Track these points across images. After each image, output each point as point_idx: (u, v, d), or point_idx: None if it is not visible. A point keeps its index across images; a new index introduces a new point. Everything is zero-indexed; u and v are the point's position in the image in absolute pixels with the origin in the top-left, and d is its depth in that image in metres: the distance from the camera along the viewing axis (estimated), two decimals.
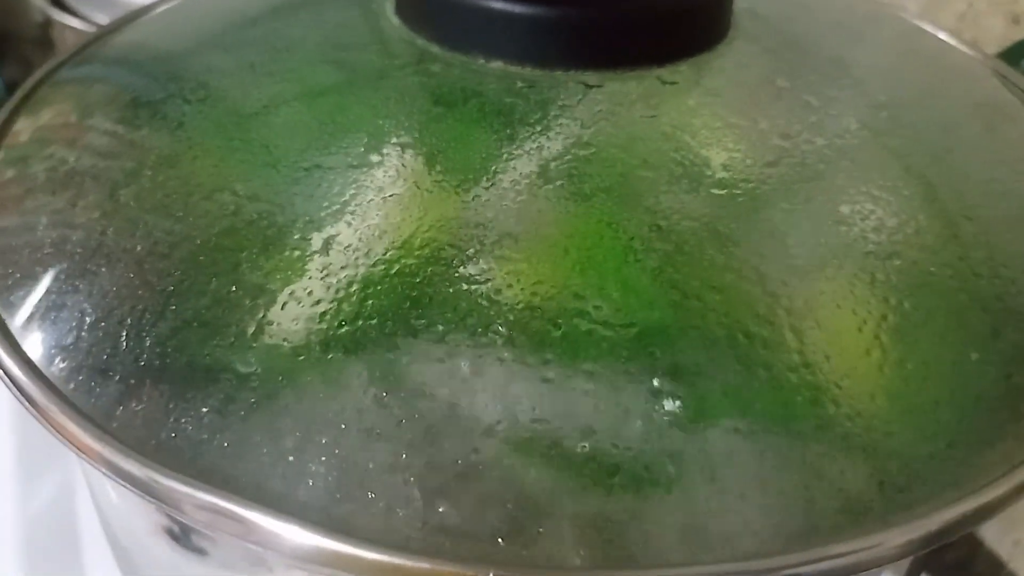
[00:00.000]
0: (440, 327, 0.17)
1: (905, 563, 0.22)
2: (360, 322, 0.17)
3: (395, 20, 0.24)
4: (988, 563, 0.43)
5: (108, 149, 0.22)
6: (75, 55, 0.28)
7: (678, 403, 0.17)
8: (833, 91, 0.23)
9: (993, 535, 0.44)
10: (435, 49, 0.22)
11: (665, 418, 0.16)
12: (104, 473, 0.17)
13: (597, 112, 0.21)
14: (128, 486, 0.17)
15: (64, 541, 0.36)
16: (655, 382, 0.17)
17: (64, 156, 0.22)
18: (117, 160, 0.22)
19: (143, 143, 0.22)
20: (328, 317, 0.17)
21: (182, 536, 0.22)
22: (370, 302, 0.18)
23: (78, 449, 0.17)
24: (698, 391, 0.17)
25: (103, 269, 0.19)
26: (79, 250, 0.20)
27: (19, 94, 0.25)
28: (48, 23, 0.52)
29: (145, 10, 0.29)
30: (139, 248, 0.19)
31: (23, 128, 0.24)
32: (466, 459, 0.16)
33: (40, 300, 0.20)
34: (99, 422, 0.17)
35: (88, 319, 0.19)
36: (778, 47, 0.25)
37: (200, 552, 0.22)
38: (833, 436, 0.17)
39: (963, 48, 0.29)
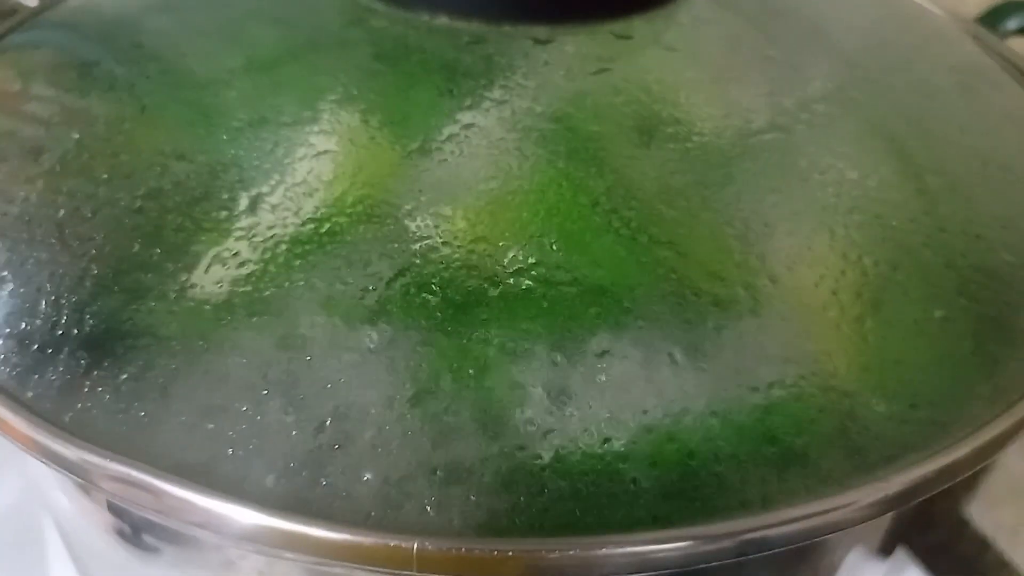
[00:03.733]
0: (371, 287, 0.16)
1: (879, 534, 0.21)
2: (287, 284, 0.16)
3: None
4: (974, 543, 0.43)
5: (37, 114, 0.21)
6: (21, 23, 0.26)
7: (622, 364, 0.16)
8: (800, 48, 0.22)
9: (977, 514, 0.43)
10: (378, 6, 0.21)
11: (607, 380, 0.15)
12: (17, 446, 0.16)
13: (546, 67, 0.20)
14: (41, 459, 0.16)
15: (28, 542, 0.35)
16: (597, 342, 0.16)
17: None
18: (45, 125, 0.21)
19: (73, 106, 0.21)
20: (254, 279, 0.17)
21: (132, 536, 0.21)
22: (298, 262, 0.17)
23: None
24: (644, 352, 0.16)
25: (24, 235, 0.18)
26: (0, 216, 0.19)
27: None
28: (16, 9, 0.51)
29: None
30: (61, 213, 0.18)
31: None
32: (393, 423, 0.15)
33: None
34: (13, 393, 0.16)
35: (6, 287, 0.18)
36: (742, 3, 0.24)
37: (152, 550, 0.21)
38: (788, 396, 0.16)
39: (938, 11, 0.28)
